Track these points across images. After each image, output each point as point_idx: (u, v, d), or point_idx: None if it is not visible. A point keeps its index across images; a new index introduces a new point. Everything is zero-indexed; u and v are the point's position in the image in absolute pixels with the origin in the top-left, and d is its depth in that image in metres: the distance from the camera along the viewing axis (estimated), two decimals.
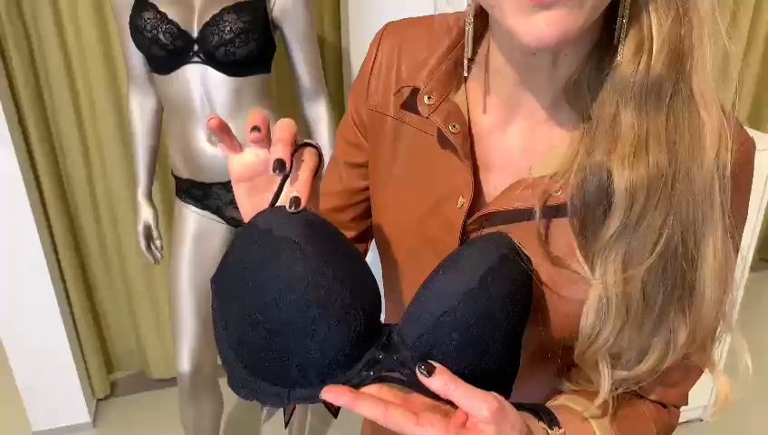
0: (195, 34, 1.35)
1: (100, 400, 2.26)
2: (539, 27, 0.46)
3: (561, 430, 0.55)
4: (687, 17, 0.49)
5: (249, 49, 1.36)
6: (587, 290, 0.54)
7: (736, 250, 0.56)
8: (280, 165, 0.51)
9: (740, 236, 0.58)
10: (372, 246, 0.76)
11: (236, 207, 1.51)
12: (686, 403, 0.67)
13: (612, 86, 0.51)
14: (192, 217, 1.56)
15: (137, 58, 1.47)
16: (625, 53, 0.50)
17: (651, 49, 0.49)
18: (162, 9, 1.33)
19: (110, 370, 2.33)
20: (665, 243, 0.50)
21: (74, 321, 2.11)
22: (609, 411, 0.60)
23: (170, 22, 1.33)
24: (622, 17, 0.50)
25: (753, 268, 2.94)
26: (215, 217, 1.56)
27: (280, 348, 0.48)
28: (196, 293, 1.57)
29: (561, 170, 0.55)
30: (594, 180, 0.51)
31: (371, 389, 0.49)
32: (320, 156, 0.56)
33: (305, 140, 0.57)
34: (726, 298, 0.54)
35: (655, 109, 0.50)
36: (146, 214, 1.61)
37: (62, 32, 1.81)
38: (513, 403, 0.51)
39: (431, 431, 0.45)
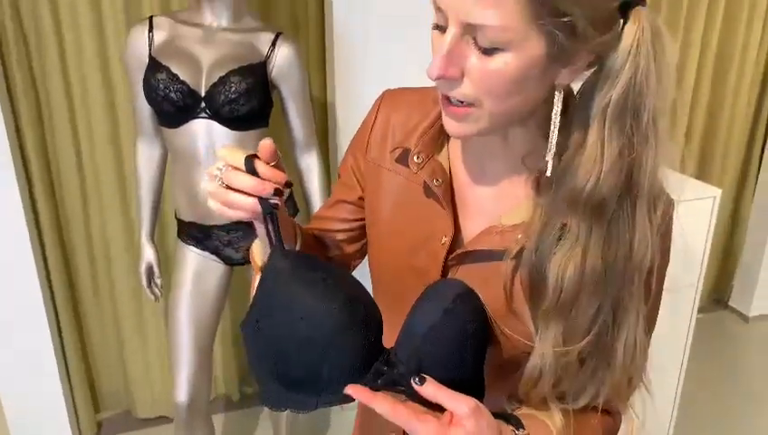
0: (203, 93, 1.52)
1: None
2: (449, 125, 0.66)
3: (526, 431, 0.68)
4: (637, 147, 0.59)
5: (251, 106, 1.53)
6: (531, 336, 0.68)
7: (656, 310, 0.73)
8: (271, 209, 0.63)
9: (661, 283, 0.74)
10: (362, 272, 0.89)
11: (234, 248, 1.66)
12: (626, 411, 0.79)
13: (562, 192, 0.62)
14: (192, 257, 1.69)
15: (146, 112, 1.62)
16: (579, 169, 0.61)
17: (597, 174, 0.60)
18: (174, 71, 1.50)
19: (97, 409, 2.38)
20: (598, 328, 0.65)
21: (65, 360, 2.18)
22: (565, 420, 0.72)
23: (181, 82, 1.50)
24: (554, 131, 0.63)
25: (704, 310, 3.17)
26: (213, 257, 1.69)
27: (310, 360, 0.62)
28: (193, 327, 1.68)
29: (527, 220, 0.67)
30: (537, 265, 0.65)
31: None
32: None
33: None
34: (632, 365, 0.68)
35: (590, 224, 0.62)
36: (148, 254, 1.73)
37: (69, 90, 1.96)
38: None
39: (428, 424, 0.59)
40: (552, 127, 0.63)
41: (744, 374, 2.76)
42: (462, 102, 0.62)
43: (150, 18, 1.57)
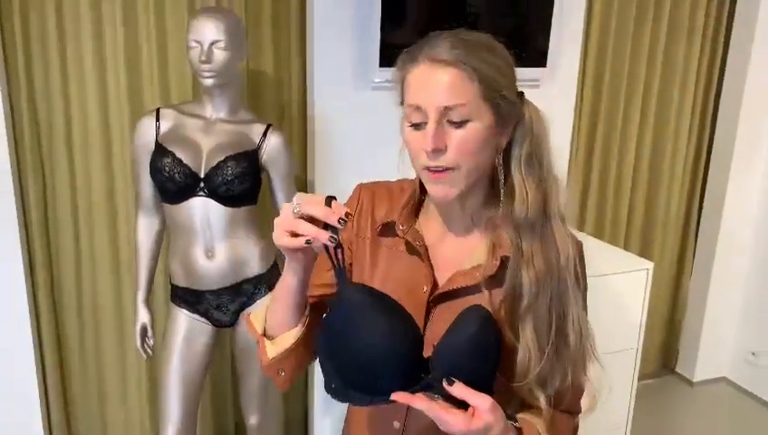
0: (202, 175, 1.75)
1: None
2: (435, 192, 0.90)
3: (518, 423, 0.88)
4: (545, 181, 0.90)
5: (244, 187, 1.77)
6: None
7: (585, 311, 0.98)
8: (335, 240, 0.79)
9: (584, 301, 1.00)
10: None
11: (222, 311, 1.86)
12: (580, 410, 1.02)
13: (506, 222, 0.91)
14: (183, 319, 1.88)
15: (149, 190, 1.85)
16: (516, 203, 0.90)
17: (527, 203, 0.89)
18: (179, 155, 1.74)
19: None
20: (556, 316, 0.90)
21: (50, 423, 2.29)
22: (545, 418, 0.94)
23: (184, 165, 1.73)
24: (502, 181, 0.91)
25: (653, 375, 3.40)
26: (203, 319, 1.88)
27: (370, 371, 0.81)
28: (182, 384, 1.85)
29: (483, 263, 0.93)
30: (514, 279, 0.90)
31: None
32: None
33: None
34: (584, 341, 0.93)
35: (531, 237, 0.90)
36: (143, 316, 1.91)
37: (72, 171, 2.16)
38: None
39: (456, 417, 0.79)
40: (499, 177, 0.91)
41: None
42: (445, 168, 0.86)
43: (158, 110, 1.82)
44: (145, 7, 2.09)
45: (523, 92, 0.92)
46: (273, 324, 0.95)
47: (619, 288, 2.26)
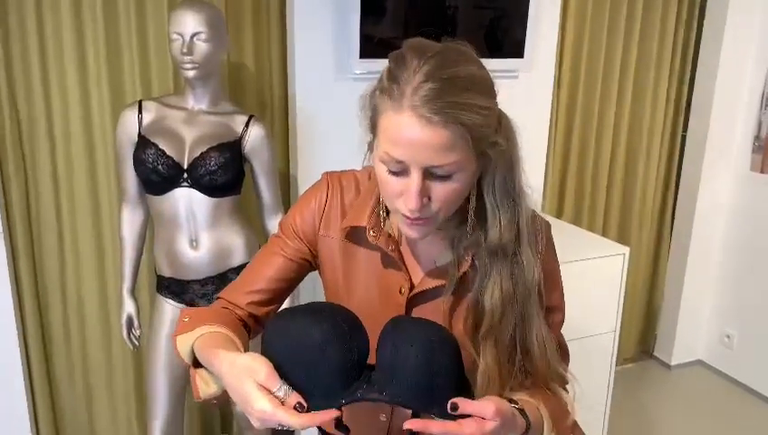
0: (185, 166, 1.77)
1: None
2: (410, 234, 0.86)
3: (519, 404, 0.87)
4: (518, 204, 0.88)
5: (227, 177, 1.79)
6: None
7: (562, 313, 1.01)
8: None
9: (561, 294, 1.02)
10: None
11: (208, 301, 1.88)
12: (566, 382, 1.01)
13: (475, 246, 0.90)
14: (169, 309, 1.89)
15: (132, 182, 1.86)
16: (489, 229, 0.88)
17: (500, 229, 0.87)
18: (162, 147, 1.75)
19: None
20: (519, 336, 0.91)
21: (36, 418, 2.29)
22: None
23: (167, 157, 1.75)
24: (473, 207, 0.89)
25: (631, 359, 3.48)
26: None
27: (300, 369, 0.78)
28: (169, 376, 1.87)
29: (452, 260, 0.93)
30: (475, 299, 0.91)
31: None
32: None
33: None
34: (547, 353, 0.93)
35: (501, 262, 0.89)
36: (129, 307, 1.93)
37: (55, 165, 2.17)
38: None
39: (470, 426, 0.76)
40: (469, 207, 0.89)
41: (665, 418, 3.04)
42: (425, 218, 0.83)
43: (140, 102, 1.83)
44: (125, 0, 2.09)
45: (500, 113, 0.85)
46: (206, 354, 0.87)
47: (596, 273, 2.32)
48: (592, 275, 2.29)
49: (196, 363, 0.91)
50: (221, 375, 0.82)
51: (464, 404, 0.78)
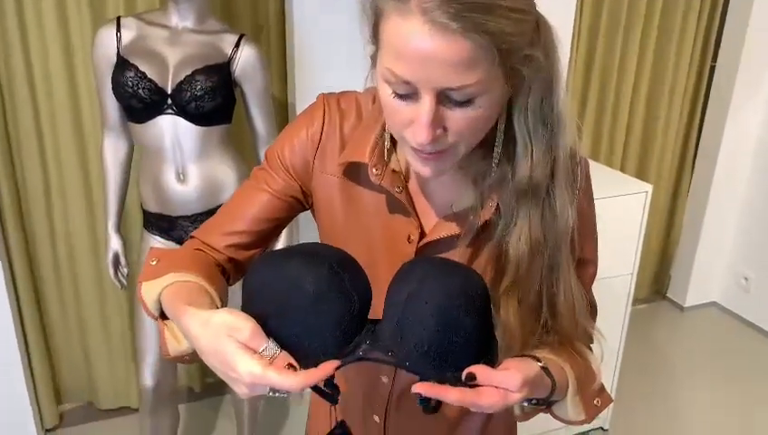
0: (169, 91, 1.60)
1: (49, 430, 2.34)
2: (422, 171, 0.70)
3: (542, 363, 0.73)
4: (555, 134, 0.70)
5: (215, 104, 1.62)
6: None
7: (595, 266, 0.86)
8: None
9: (596, 246, 0.87)
10: None
11: None
12: (593, 341, 0.88)
13: (502, 186, 0.74)
14: (157, 247, 1.76)
15: (113, 108, 1.69)
16: (517, 164, 0.71)
17: (531, 164, 0.71)
18: (142, 69, 1.58)
19: (60, 401, 2.41)
20: (546, 292, 0.76)
21: (28, 354, 2.22)
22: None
23: (149, 80, 1.58)
24: (501, 137, 0.72)
25: (645, 301, 3.38)
26: (177, 246, 1.77)
27: (294, 325, 0.64)
28: None
29: (474, 205, 0.76)
30: (499, 248, 0.76)
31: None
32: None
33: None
34: (575, 311, 0.78)
35: (531, 204, 0.73)
36: (114, 244, 1.80)
37: (33, 88, 2.01)
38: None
39: (493, 396, 0.64)
40: (497, 136, 0.72)
41: (677, 359, 2.97)
42: (439, 150, 0.67)
43: (118, 19, 1.64)
44: None
45: (538, 17, 0.67)
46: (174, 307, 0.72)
47: (616, 212, 2.17)
48: (611, 214, 2.14)
49: (165, 315, 0.76)
50: (192, 338, 0.66)
51: (485, 374, 0.65)
